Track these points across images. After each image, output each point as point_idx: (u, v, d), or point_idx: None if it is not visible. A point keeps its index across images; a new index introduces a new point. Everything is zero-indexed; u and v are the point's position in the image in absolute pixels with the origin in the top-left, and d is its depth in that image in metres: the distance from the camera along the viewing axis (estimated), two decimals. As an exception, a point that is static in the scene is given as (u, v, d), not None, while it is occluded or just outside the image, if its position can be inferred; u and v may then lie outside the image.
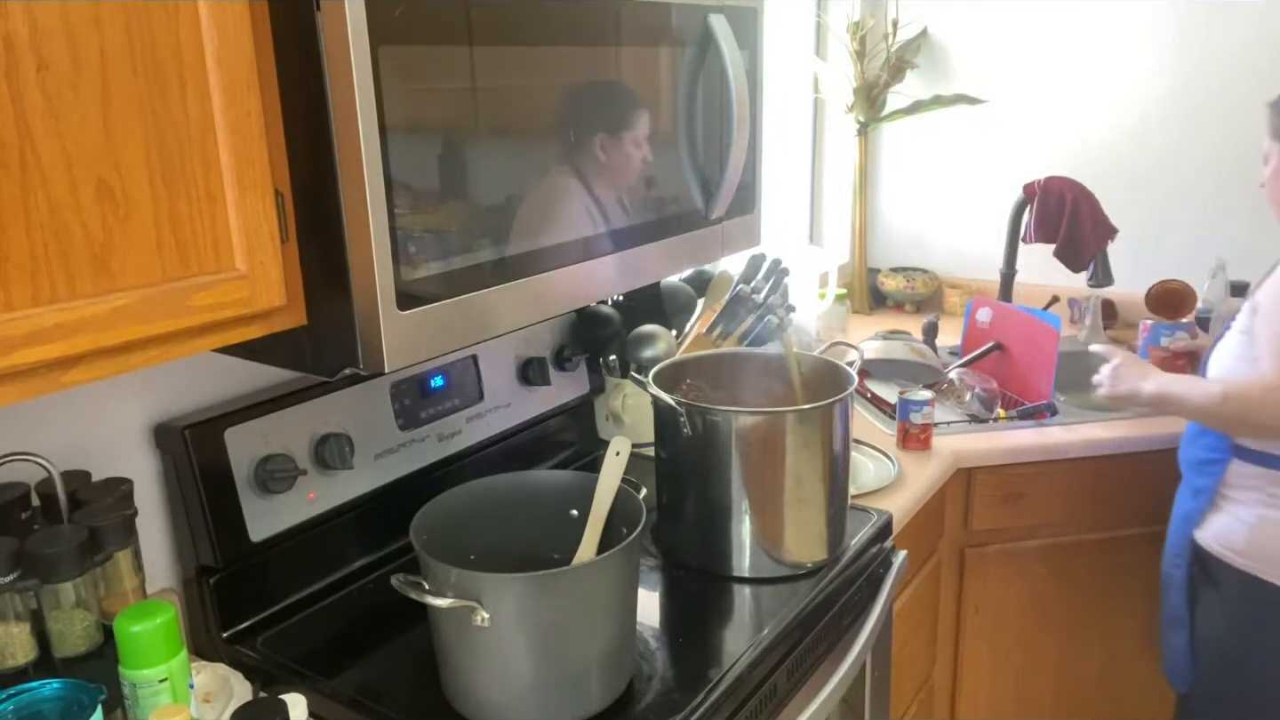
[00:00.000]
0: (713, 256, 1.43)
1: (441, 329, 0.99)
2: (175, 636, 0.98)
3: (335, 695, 1.13)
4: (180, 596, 1.26)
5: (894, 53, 2.71)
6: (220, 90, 0.82)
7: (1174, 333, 2.12)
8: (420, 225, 0.95)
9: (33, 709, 0.88)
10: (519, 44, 1.03)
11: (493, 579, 1.01)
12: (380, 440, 1.38)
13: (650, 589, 1.38)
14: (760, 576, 1.39)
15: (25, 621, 0.96)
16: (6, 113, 0.69)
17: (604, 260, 1.19)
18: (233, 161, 0.84)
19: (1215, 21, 2.42)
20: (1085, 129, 2.62)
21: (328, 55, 0.85)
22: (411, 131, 0.92)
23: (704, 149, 1.34)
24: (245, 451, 1.22)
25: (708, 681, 1.15)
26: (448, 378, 1.48)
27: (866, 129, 2.78)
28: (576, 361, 1.71)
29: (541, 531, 1.22)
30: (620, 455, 1.19)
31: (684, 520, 1.43)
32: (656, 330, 1.78)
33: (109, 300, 0.77)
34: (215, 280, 0.85)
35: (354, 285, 0.91)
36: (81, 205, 0.74)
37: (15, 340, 0.71)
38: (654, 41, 1.22)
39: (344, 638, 1.26)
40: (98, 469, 1.13)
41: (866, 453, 1.83)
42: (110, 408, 1.18)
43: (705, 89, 1.32)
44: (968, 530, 1.97)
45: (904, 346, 2.22)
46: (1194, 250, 2.50)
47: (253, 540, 1.23)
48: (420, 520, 1.11)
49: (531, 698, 1.06)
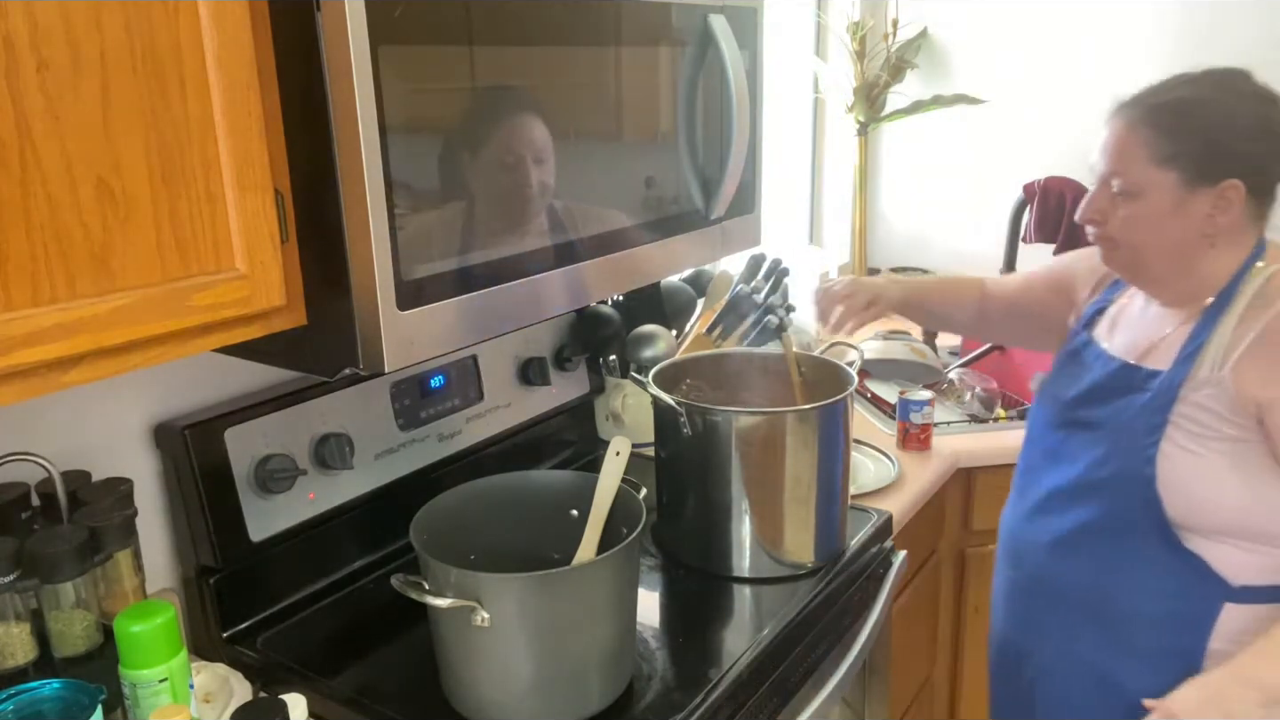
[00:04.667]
0: (713, 256, 1.43)
1: (441, 329, 0.99)
2: (175, 636, 0.97)
3: (335, 695, 1.13)
4: (180, 596, 1.26)
5: (894, 53, 2.71)
6: (220, 90, 0.82)
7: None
8: (420, 225, 0.95)
9: (33, 709, 0.88)
10: (519, 44, 1.03)
11: (493, 579, 1.01)
12: (380, 440, 1.38)
13: (650, 589, 1.38)
14: (760, 576, 1.38)
15: (25, 621, 0.96)
16: (6, 113, 0.69)
17: (604, 260, 1.19)
18: (233, 161, 0.84)
19: (1216, 20, 2.42)
20: (1085, 129, 2.61)
21: (328, 55, 0.85)
22: (411, 131, 0.92)
23: (704, 149, 1.34)
24: (245, 451, 1.22)
25: (708, 681, 1.15)
26: (448, 378, 1.48)
27: (866, 129, 2.79)
28: (576, 361, 1.71)
29: (541, 531, 1.22)
30: (620, 455, 1.19)
31: (684, 520, 1.43)
32: (656, 330, 1.78)
33: (109, 300, 0.77)
34: (215, 280, 0.85)
35: (354, 285, 0.91)
36: (81, 205, 0.74)
37: (15, 340, 0.71)
38: (654, 41, 1.22)
39: (344, 638, 1.26)
40: (98, 469, 1.13)
41: (866, 453, 1.83)
42: (110, 408, 1.18)
43: (705, 89, 1.32)
44: (968, 530, 1.97)
45: (904, 346, 2.22)
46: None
47: (253, 540, 1.23)
48: (420, 520, 1.11)
49: (531, 698, 1.06)
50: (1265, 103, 1.17)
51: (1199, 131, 1.16)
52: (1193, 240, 1.18)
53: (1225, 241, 1.19)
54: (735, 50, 1.28)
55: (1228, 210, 1.16)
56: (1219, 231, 1.17)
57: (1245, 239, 1.20)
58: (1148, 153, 1.17)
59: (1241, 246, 1.20)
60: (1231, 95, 1.17)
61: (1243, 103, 1.17)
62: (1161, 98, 1.19)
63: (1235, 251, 1.20)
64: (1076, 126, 2.66)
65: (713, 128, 1.34)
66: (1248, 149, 1.16)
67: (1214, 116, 1.16)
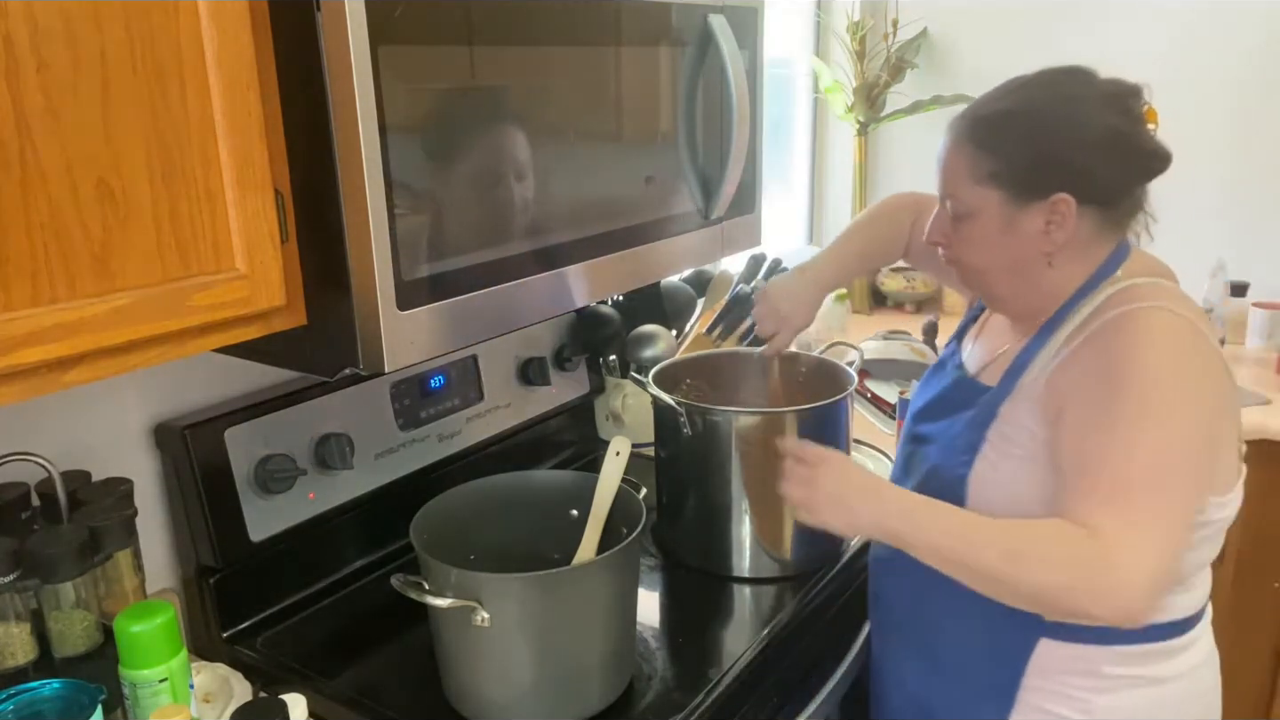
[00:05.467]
0: (713, 256, 1.43)
1: (441, 329, 0.99)
2: (175, 636, 0.97)
3: (335, 695, 1.13)
4: (180, 596, 1.26)
5: (894, 53, 2.71)
6: (220, 90, 0.82)
7: None
8: (420, 225, 0.95)
9: (33, 709, 0.88)
10: (519, 44, 1.03)
11: (493, 579, 1.01)
12: (380, 440, 1.38)
13: (650, 589, 1.39)
14: (760, 576, 1.39)
15: (25, 621, 0.96)
16: (6, 113, 0.69)
17: (604, 260, 1.19)
18: (233, 161, 0.84)
19: (1216, 21, 2.42)
20: (1085, 129, 2.62)
21: (328, 55, 0.85)
22: (411, 131, 0.92)
23: (704, 149, 1.34)
24: (245, 451, 1.22)
25: (708, 681, 1.15)
26: (448, 378, 1.48)
27: (866, 129, 2.78)
28: (576, 361, 1.71)
29: (541, 531, 1.22)
30: (620, 455, 1.19)
31: (684, 520, 1.43)
32: (656, 330, 1.78)
33: (109, 300, 0.77)
34: (215, 280, 0.85)
35: (354, 285, 0.91)
36: (81, 205, 0.74)
37: (15, 340, 0.71)
38: (654, 41, 1.22)
39: (344, 638, 1.26)
40: (98, 469, 1.13)
41: (866, 453, 1.83)
42: (110, 408, 1.18)
43: (705, 89, 1.32)
44: (967, 530, 1.96)
45: (904, 346, 2.22)
46: (1194, 250, 2.49)
47: (253, 540, 1.23)
48: (420, 520, 1.11)
49: (531, 698, 1.06)
50: (1098, 106, 1.06)
51: (1019, 144, 1.07)
52: (1031, 258, 1.09)
53: (1067, 258, 1.09)
54: (735, 50, 1.28)
55: (1063, 225, 1.06)
56: (1057, 248, 1.08)
57: (1093, 252, 1.10)
58: (971, 172, 1.09)
59: (1087, 260, 1.10)
60: (1057, 101, 1.08)
61: (1069, 108, 1.07)
62: (983, 110, 1.11)
63: (1081, 266, 1.10)
64: (1076, 126, 2.67)
65: (713, 128, 1.34)
66: (1073, 158, 1.05)
67: (1035, 127, 1.07)
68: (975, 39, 2.71)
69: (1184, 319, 1.03)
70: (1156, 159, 1.08)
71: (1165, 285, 1.09)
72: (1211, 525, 1.08)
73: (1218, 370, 1.05)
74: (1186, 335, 1.03)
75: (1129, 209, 1.11)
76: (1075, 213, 1.06)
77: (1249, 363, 2.35)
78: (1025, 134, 1.07)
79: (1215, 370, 1.04)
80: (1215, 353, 1.05)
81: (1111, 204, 1.09)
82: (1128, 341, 1.02)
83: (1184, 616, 1.11)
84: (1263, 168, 2.45)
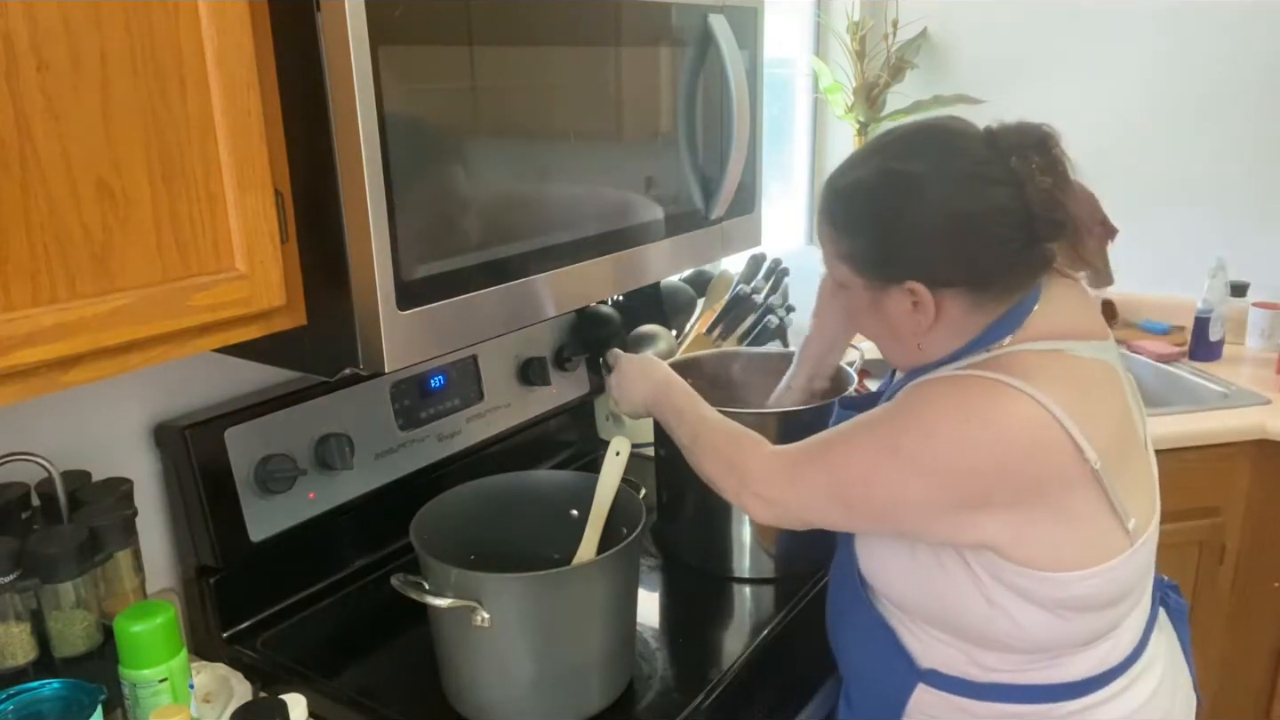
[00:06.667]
0: (713, 256, 1.43)
1: (441, 329, 0.99)
2: (175, 636, 0.98)
3: (335, 695, 1.14)
4: (180, 596, 1.26)
5: (894, 53, 2.71)
6: (220, 90, 0.82)
7: None
8: (420, 225, 0.95)
9: (33, 709, 0.88)
10: (519, 44, 1.03)
11: (493, 579, 1.01)
12: (380, 440, 1.38)
13: (650, 589, 1.39)
14: (760, 576, 1.38)
15: (25, 621, 0.96)
16: (6, 113, 0.69)
17: (604, 260, 1.19)
18: (233, 161, 0.84)
19: (1216, 22, 2.42)
20: (1085, 129, 2.61)
21: (328, 55, 0.85)
22: (411, 131, 0.92)
23: (704, 149, 1.34)
24: (245, 451, 1.22)
25: (708, 681, 1.15)
26: (448, 378, 1.48)
27: (866, 129, 2.78)
28: (576, 361, 1.71)
29: (541, 531, 1.22)
30: (620, 455, 1.19)
31: (684, 520, 1.43)
32: (656, 330, 1.78)
33: (109, 300, 0.77)
34: (215, 280, 0.85)
35: (354, 285, 0.91)
36: (81, 205, 0.74)
37: (15, 340, 0.71)
38: (654, 41, 1.22)
39: (344, 638, 1.26)
40: (98, 469, 1.13)
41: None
42: (110, 408, 1.18)
43: (705, 89, 1.32)
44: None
45: (904, 346, 2.22)
46: (1194, 250, 2.50)
47: (253, 540, 1.23)
48: (420, 520, 1.11)
49: (531, 698, 1.06)
50: (949, 185, 0.95)
51: (865, 227, 1.00)
52: (904, 336, 1.02)
53: (937, 337, 1.01)
54: (735, 50, 1.28)
55: (925, 310, 0.98)
56: (923, 332, 1.00)
57: (970, 324, 1.00)
58: (834, 248, 1.03)
59: (964, 333, 1.00)
60: (899, 183, 0.97)
61: (909, 190, 0.96)
62: (840, 182, 1.02)
63: (957, 338, 1.01)
64: (1076, 127, 2.66)
65: (713, 128, 1.34)
66: (910, 249, 0.97)
67: (877, 212, 0.98)
68: (975, 39, 2.71)
69: (1022, 394, 0.92)
70: (1040, 226, 0.95)
71: (1056, 354, 0.98)
72: (1080, 600, 0.97)
73: (1025, 446, 0.92)
74: (999, 406, 0.93)
75: (1013, 284, 0.99)
76: (932, 299, 0.97)
77: (1249, 363, 2.34)
78: (869, 217, 1.00)
79: (1021, 445, 0.92)
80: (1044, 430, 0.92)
81: (980, 285, 0.98)
82: (940, 390, 0.98)
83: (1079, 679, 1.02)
84: (1263, 168, 2.45)
